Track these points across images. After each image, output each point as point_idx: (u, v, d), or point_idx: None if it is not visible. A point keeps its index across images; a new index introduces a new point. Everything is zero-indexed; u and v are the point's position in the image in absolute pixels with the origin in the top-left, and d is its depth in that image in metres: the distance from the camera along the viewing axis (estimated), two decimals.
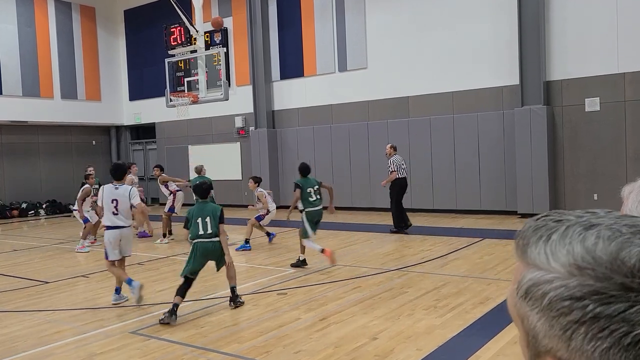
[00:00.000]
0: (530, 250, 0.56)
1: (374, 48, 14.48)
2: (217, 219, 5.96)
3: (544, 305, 0.53)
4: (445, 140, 13.39)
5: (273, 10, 16.26)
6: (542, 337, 0.54)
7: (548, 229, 0.56)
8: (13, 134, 17.86)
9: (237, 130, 17.19)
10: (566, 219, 0.57)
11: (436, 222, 12.30)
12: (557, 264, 0.54)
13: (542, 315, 0.54)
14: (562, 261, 0.54)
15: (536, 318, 0.54)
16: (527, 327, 0.56)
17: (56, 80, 18.36)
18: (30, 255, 10.28)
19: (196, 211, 6.01)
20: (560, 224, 0.56)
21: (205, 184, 6.40)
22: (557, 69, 11.98)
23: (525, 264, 0.57)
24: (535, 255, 0.56)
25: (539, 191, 11.87)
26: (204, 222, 5.93)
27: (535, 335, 0.55)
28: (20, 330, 5.60)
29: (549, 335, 0.54)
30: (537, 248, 0.56)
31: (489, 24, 12.72)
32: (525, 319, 0.56)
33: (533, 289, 0.55)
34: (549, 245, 0.55)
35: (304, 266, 8.09)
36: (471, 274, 7.16)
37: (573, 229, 0.55)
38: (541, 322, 0.54)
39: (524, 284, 0.56)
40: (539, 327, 0.54)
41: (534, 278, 0.55)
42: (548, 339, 0.54)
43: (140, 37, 19.40)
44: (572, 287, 0.52)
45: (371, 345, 4.71)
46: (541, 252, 0.55)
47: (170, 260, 9.20)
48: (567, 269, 0.53)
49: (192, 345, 4.91)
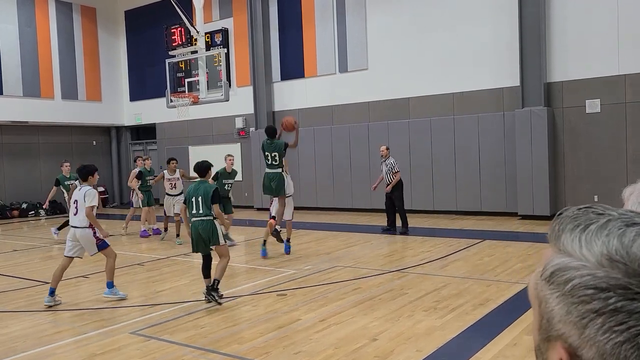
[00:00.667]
0: (564, 236, 0.57)
1: (374, 49, 14.49)
2: (209, 199, 6.04)
3: (566, 291, 0.54)
4: (445, 141, 13.39)
5: (274, 11, 16.27)
6: (556, 322, 0.55)
7: (588, 219, 0.57)
8: (13, 134, 17.87)
9: (237, 131, 17.20)
10: (609, 213, 0.58)
11: (436, 223, 12.30)
12: (588, 252, 0.54)
13: (561, 299, 0.55)
14: (594, 251, 0.54)
15: (555, 302, 0.55)
16: (543, 310, 0.57)
17: (57, 80, 18.38)
18: (30, 255, 10.28)
19: (192, 191, 6.20)
20: (602, 217, 0.57)
21: (206, 163, 6.52)
22: (558, 71, 11.99)
23: (556, 250, 0.58)
24: (568, 242, 0.56)
25: (539, 192, 11.87)
26: (197, 201, 6.11)
27: (550, 318, 0.56)
28: (20, 331, 5.60)
29: (564, 321, 0.54)
30: (572, 235, 0.57)
31: (490, 25, 12.73)
32: (543, 301, 0.57)
33: (558, 273, 0.56)
34: (585, 234, 0.56)
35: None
36: (471, 276, 7.16)
37: (614, 223, 0.56)
38: (559, 306, 0.55)
39: (550, 267, 0.57)
40: (556, 311, 0.55)
41: (561, 263, 0.56)
42: (562, 323, 0.55)
43: (141, 38, 19.41)
44: (598, 277, 0.53)
45: (371, 347, 4.71)
46: (575, 240, 0.56)
47: (170, 260, 9.19)
48: (598, 259, 0.53)
49: (192, 345, 4.91)
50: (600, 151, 11.56)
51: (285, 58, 16.15)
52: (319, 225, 12.73)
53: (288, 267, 8.17)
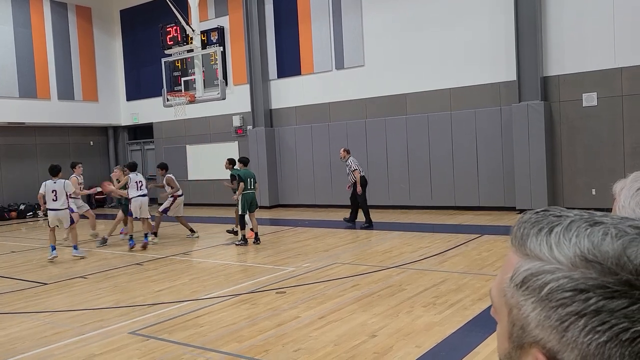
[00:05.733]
0: (530, 241, 0.56)
1: (371, 46, 14.47)
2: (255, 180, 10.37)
3: (543, 295, 0.53)
4: (443, 137, 13.39)
5: (269, 9, 16.23)
6: (533, 327, 0.54)
7: (549, 222, 0.57)
8: (10, 136, 17.82)
9: (234, 129, 17.17)
10: (566, 215, 0.58)
11: (434, 219, 12.31)
12: (560, 255, 0.54)
13: (538, 305, 0.54)
14: (566, 253, 0.54)
15: (530, 308, 0.54)
16: (515, 317, 0.56)
17: (53, 81, 18.32)
18: (28, 256, 10.26)
19: (247, 174, 10.17)
20: (562, 219, 0.57)
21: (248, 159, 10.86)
22: (554, 65, 11.98)
23: (522, 255, 0.57)
24: (535, 246, 0.56)
25: (537, 187, 11.88)
26: (251, 180, 10.12)
27: (525, 325, 0.55)
28: (20, 332, 5.59)
29: (542, 326, 0.53)
30: (538, 239, 0.56)
31: (486, 19, 12.71)
32: (515, 308, 0.56)
33: (531, 278, 0.55)
34: (552, 237, 0.55)
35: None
36: (470, 271, 7.17)
37: (578, 224, 0.55)
38: (536, 312, 0.54)
39: (521, 273, 0.56)
40: (532, 317, 0.54)
41: (533, 268, 0.55)
42: (540, 329, 0.54)
43: (137, 37, 19.36)
44: (575, 279, 0.52)
45: (370, 343, 4.71)
46: (543, 243, 0.55)
47: (168, 260, 9.19)
48: (571, 261, 0.53)
49: (191, 345, 4.91)
50: (597, 144, 11.57)
51: (282, 55, 16.12)
52: (317, 222, 12.73)
53: (287, 265, 8.17)
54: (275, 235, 11.17)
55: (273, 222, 13.11)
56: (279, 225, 12.86)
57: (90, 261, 9.42)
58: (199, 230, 11.63)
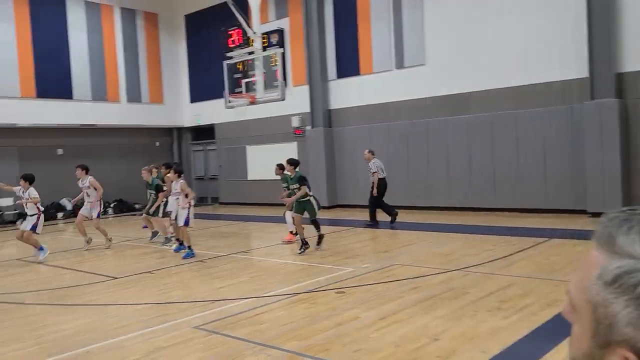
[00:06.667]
0: (619, 239, 0.55)
1: (431, 44, 14.19)
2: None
3: (637, 294, 0.52)
4: (508, 136, 12.93)
5: (329, 10, 16.27)
6: (622, 326, 0.53)
7: (638, 221, 0.55)
8: (82, 137, 18.74)
9: (293, 129, 17.32)
10: None
11: (497, 221, 11.90)
12: None
13: (630, 303, 0.52)
14: None
15: (621, 306, 0.53)
16: (601, 314, 0.54)
17: (122, 84, 19.16)
18: (101, 251, 10.75)
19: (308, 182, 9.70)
20: None
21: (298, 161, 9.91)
22: (630, 60, 11.29)
23: (609, 253, 0.55)
24: (626, 244, 0.54)
25: (610, 189, 11.24)
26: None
27: (613, 323, 0.53)
28: (90, 323, 5.85)
29: (634, 325, 0.52)
30: (629, 237, 0.54)
31: (554, 12, 12.15)
32: (601, 306, 0.55)
33: (623, 275, 0.53)
34: None
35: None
36: (538, 275, 6.86)
37: None
38: (628, 310, 0.52)
39: (612, 271, 0.54)
40: (623, 315, 0.53)
41: (626, 266, 0.53)
42: (632, 328, 0.52)
43: (200, 41, 19.93)
44: None
45: (432, 346, 4.59)
46: (636, 242, 0.54)
47: (230, 258, 9.35)
48: None
49: (252, 341, 4.96)
50: None
51: (341, 56, 16.11)
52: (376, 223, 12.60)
53: (346, 265, 8.13)
54: (334, 235, 11.14)
55: (332, 222, 13.10)
56: (338, 225, 12.84)
57: (156, 257, 9.75)
58: (258, 229, 11.78)
